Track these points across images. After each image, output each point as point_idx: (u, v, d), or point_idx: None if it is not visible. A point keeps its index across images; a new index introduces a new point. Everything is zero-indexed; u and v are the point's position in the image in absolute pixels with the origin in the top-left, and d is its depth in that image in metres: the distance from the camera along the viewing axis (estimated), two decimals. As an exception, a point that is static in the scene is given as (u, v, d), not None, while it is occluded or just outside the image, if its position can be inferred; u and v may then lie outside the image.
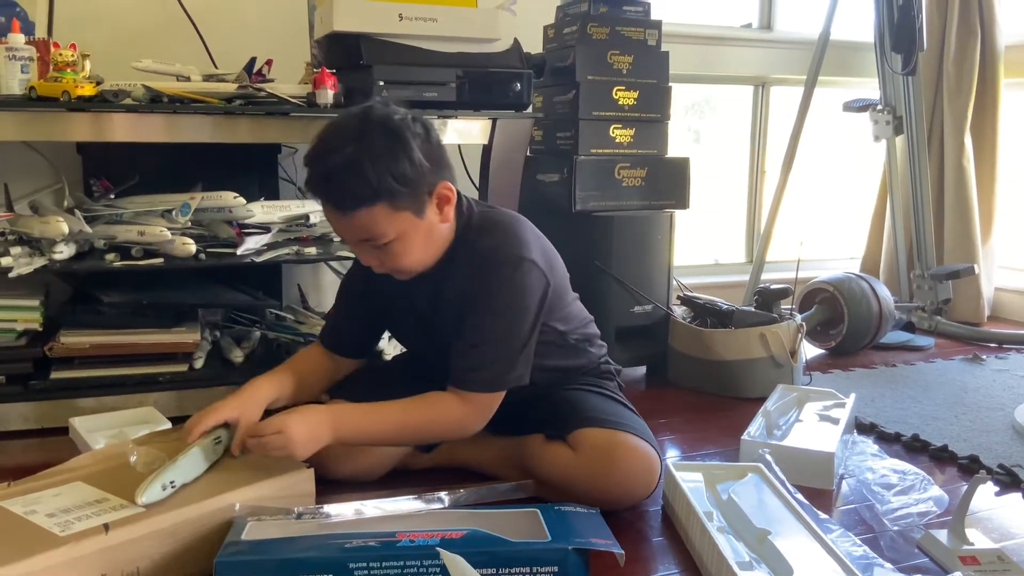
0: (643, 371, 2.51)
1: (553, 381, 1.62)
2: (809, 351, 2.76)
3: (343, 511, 1.33)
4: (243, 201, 1.98)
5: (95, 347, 1.93)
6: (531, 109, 2.12)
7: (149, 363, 1.97)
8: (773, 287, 2.43)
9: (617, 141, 2.40)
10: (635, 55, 2.40)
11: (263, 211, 2.05)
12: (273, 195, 2.31)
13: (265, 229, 2.07)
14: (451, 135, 2.04)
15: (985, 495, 1.65)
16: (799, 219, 3.47)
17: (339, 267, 2.55)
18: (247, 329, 2.27)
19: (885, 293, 2.79)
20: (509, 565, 1.19)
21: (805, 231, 3.53)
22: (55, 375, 1.91)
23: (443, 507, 1.40)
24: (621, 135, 2.40)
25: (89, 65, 1.85)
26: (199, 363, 2.03)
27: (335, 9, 1.90)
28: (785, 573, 1.22)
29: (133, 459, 1.39)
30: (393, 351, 2.00)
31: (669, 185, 2.48)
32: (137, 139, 1.83)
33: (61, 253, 1.84)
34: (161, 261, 1.90)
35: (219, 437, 1.44)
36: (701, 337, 2.33)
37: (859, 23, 3.17)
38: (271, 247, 2.04)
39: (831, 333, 2.79)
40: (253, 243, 2.00)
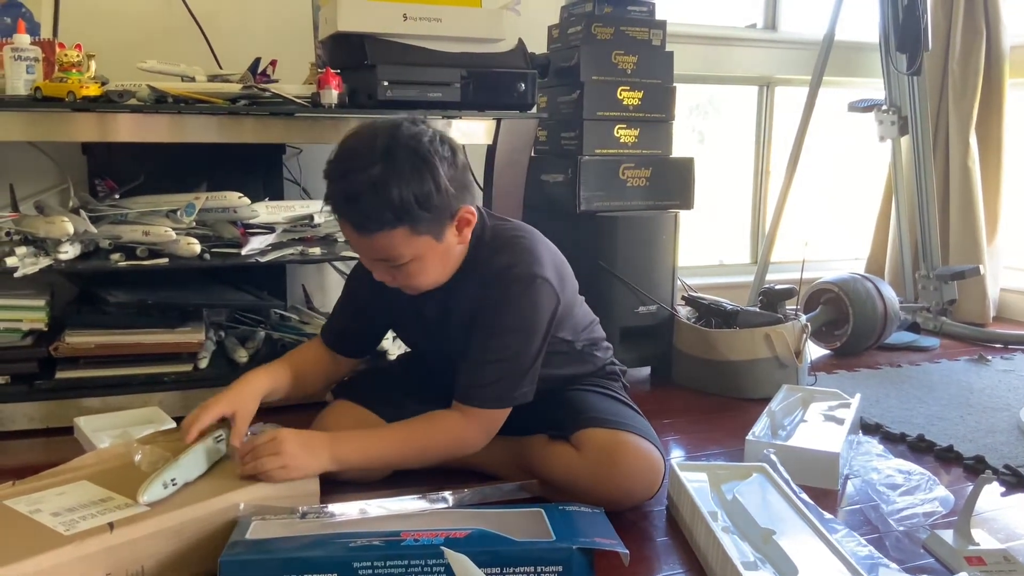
0: (647, 371, 2.51)
1: (559, 387, 1.62)
2: (814, 351, 2.76)
3: (347, 510, 1.32)
4: (248, 201, 1.98)
5: (100, 347, 1.93)
6: (535, 109, 2.12)
7: (154, 363, 1.97)
8: (778, 287, 2.43)
9: (621, 141, 2.40)
10: (639, 55, 2.40)
11: (267, 211, 2.06)
12: (277, 195, 2.31)
13: (269, 229, 2.07)
14: (455, 136, 2.03)
15: (991, 495, 1.65)
16: (804, 219, 3.47)
17: (343, 267, 2.56)
18: (251, 329, 2.27)
19: (890, 294, 2.78)
20: (513, 564, 1.19)
21: (810, 231, 3.53)
22: (60, 375, 1.91)
23: (447, 507, 1.40)
24: (625, 135, 2.40)
25: (94, 65, 1.85)
26: (204, 363, 2.03)
27: (339, 9, 1.90)
28: (790, 573, 1.22)
29: (137, 458, 1.39)
30: (397, 351, 2.00)
31: (674, 185, 2.47)
32: (142, 139, 1.84)
33: (66, 253, 1.85)
34: (166, 261, 1.91)
35: (220, 435, 1.44)
36: (706, 337, 2.33)
37: (864, 23, 3.17)
38: (275, 247, 2.04)
39: (836, 333, 2.79)
40: (258, 243, 2.00)
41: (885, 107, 3.04)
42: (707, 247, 3.43)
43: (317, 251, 2.06)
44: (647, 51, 2.43)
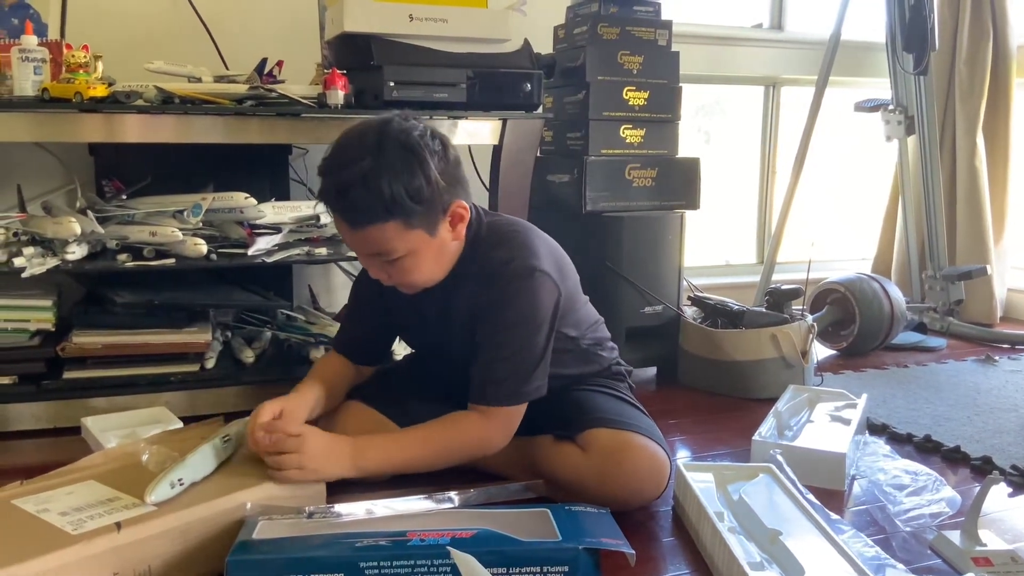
0: (653, 372, 2.51)
1: (565, 387, 1.62)
2: (820, 352, 2.75)
3: (354, 510, 1.33)
4: (254, 202, 1.99)
5: (107, 347, 1.94)
6: (541, 110, 2.12)
7: (161, 363, 1.98)
8: (784, 288, 2.42)
9: (627, 141, 2.40)
10: (645, 55, 2.40)
11: (274, 212, 2.06)
12: (284, 196, 2.31)
13: (276, 230, 2.07)
14: (461, 136, 2.05)
15: (998, 496, 1.64)
16: (810, 220, 3.47)
17: (349, 268, 2.56)
18: (258, 329, 2.27)
19: (897, 294, 2.78)
20: (519, 565, 1.19)
21: (816, 232, 3.53)
22: (67, 375, 1.92)
23: (453, 507, 1.40)
24: (631, 135, 2.40)
25: (101, 66, 1.86)
26: (210, 363, 2.04)
27: (346, 10, 1.90)
28: (796, 573, 1.22)
29: (145, 458, 1.40)
30: (403, 351, 2.00)
31: (680, 185, 2.47)
32: (149, 140, 1.84)
33: (73, 253, 1.86)
34: (173, 261, 1.91)
35: (228, 435, 1.44)
36: (712, 338, 2.33)
37: (870, 23, 3.17)
38: (282, 247, 2.05)
39: (842, 334, 2.78)
40: (264, 243, 2.01)
41: (892, 107, 3.04)
42: (713, 247, 3.43)
43: (323, 251, 2.07)
44: (653, 51, 2.43)
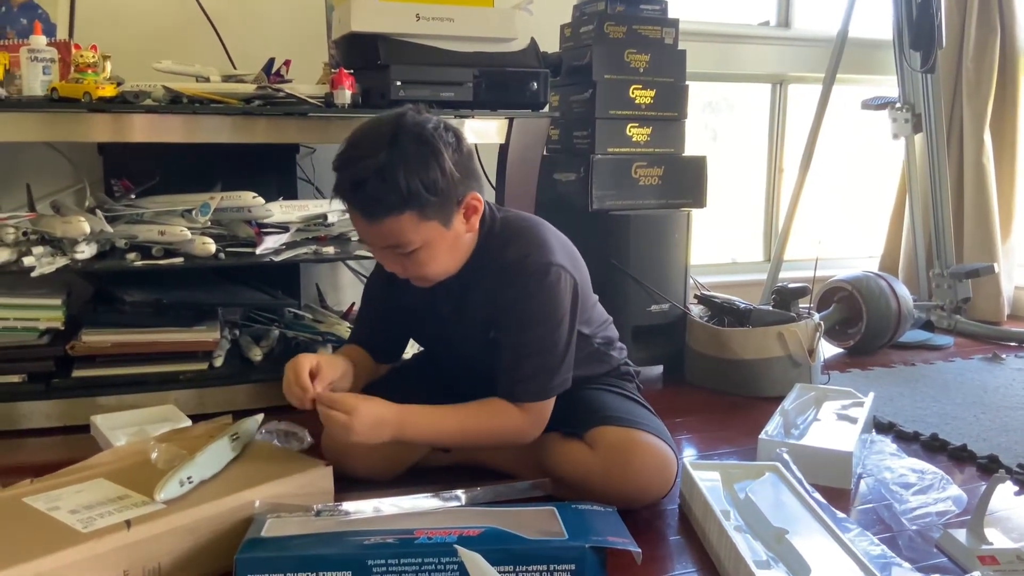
0: (660, 370, 2.51)
1: (574, 386, 1.61)
2: (827, 350, 2.75)
3: (362, 509, 1.33)
4: (262, 201, 1.99)
5: (116, 346, 1.95)
6: (548, 108, 2.13)
7: (169, 361, 1.99)
8: (791, 286, 2.42)
9: (634, 140, 2.40)
10: (652, 54, 2.40)
11: (282, 211, 2.07)
12: (291, 195, 2.32)
13: (284, 229, 2.08)
14: (468, 135, 2.03)
15: (1004, 495, 1.64)
16: (817, 218, 3.46)
17: (357, 266, 2.57)
18: (266, 328, 2.28)
19: (904, 292, 2.77)
20: (526, 563, 1.19)
21: (823, 230, 3.52)
22: (77, 373, 1.93)
23: (460, 505, 1.40)
24: (638, 134, 2.40)
25: (110, 66, 1.87)
26: (219, 361, 2.05)
27: (353, 10, 1.91)
28: (803, 572, 1.22)
29: (154, 456, 1.41)
30: (411, 350, 2.01)
31: (686, 184, 2.47)
32: (157, 139, 1.85)
33: (83, 253, 1.87)
34: (181, 260, 1.92)
35: (236, 434, 1.45)
36: (718, 336, 2.33)
37: (877, 20, 3.16)
38: (289, 246, 2.06)
39: (849, 332, 2.78)
40: (272, 242, 2.01)
41: (899, 105, 3.03)
42: (720, 245, 3.43)
43: (330, 250, 2.07)
44: (659, 49, 2.43)
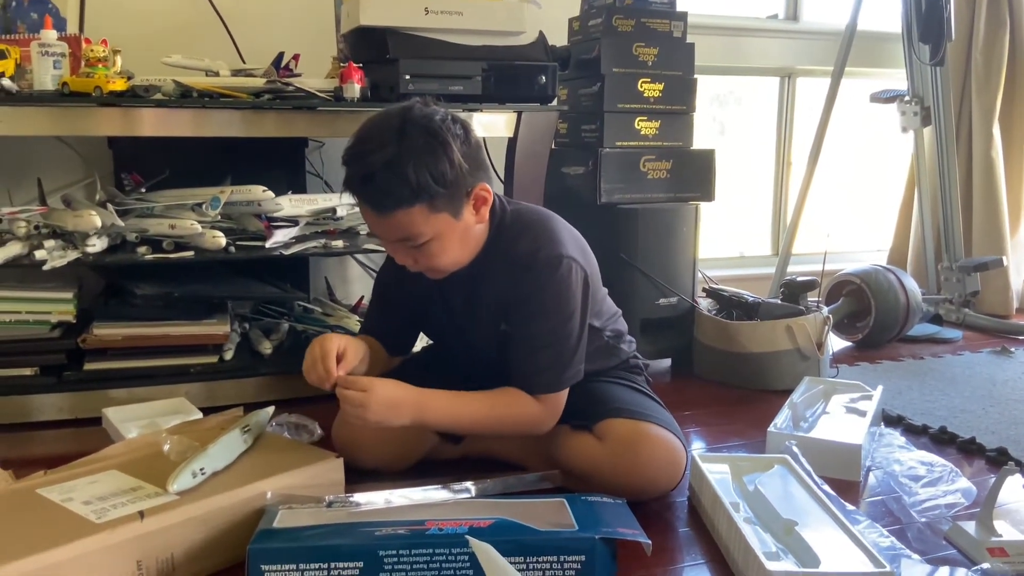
0: (668, 363, 2.51)
1: (584, 379, 1.62)
2: (836, 344, 2.75)
3: (373, 500, 1.34)
4: (271, 195, 2.00)
5: (127, 339, 1.96)
6: (556, 102, 2.13)
7: (180, 355, 2.00)
8: (799, 279, 2.42)
9: (642, 133, 2.40)
10: (660, 47, 2.40)
11: (291, 204, 2.07)
12: (300, 189, 2.32)
13: (293, 222, 2.09)
14: (476, 128, 2.03)
15: (1013, 487, 1.63)
16: (826, 211, 3.45)
17: (365, 260, 2.58)
18: (275, 321, 2.29)
19: (912, 285, 2.77)
20: (536, 554, 1.20)
21: (832, 223, 3.51)
22: (88, 366, 1.94)
23: (470, 497, 1.41)
24: (646, 127, 2.40)
25: (120, 60, 1.87)
26: (229, 355, 2.06)
27: (361, 3, 1.91)
28: (812, 564, 1.22)
29: (166, 448, 1.42)
30: (420, 344, 2.01)
31: (694, 177, 2.47)
32: (167, 133, 1.86)
33: (94, 246, 1.87)
34: (192, 254, 1.93)
35: (248, 426, 1.46)
36: (727, 329, 2.33)
37: (886, 13, 3.15)
38: (299, 240, 2.06)
39: (858, 325, 2.78)
40: (281, 236, 2.02)
41: (908, 98, 3.02)
42: (728, 239, 3.42)
43: (340, 244, 2.08)
44: (668, 43, 2.42)
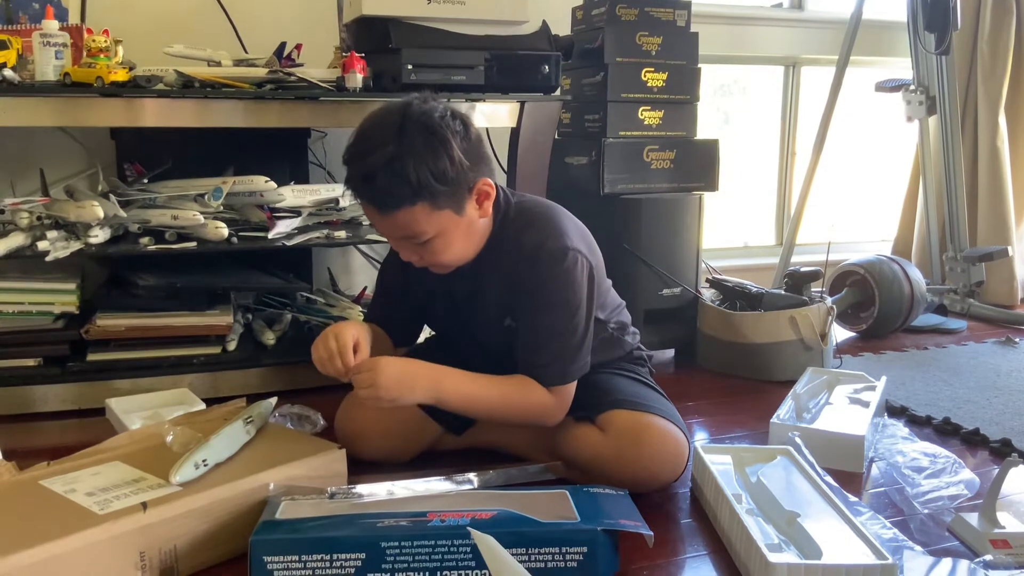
0: (671, 354, 2.51)
1: (589, 371, 1.62)
2: (840, 334, 2.75)
3: (375, 491, 1.34)
4: (274, 185, 2.00)
5: (130, 329, 1.96)
6: (559, 92, 2.12)
7: (183, 345, 2.00)
8: (803, 270, 2.41)
9: (646, 123, 2.39)
10: (664, 36, 2.39)
11: (293, 195, 2.07)
12: (303, 179, 2.32)
13: (295, 213, 2.09)
14: (479, 118, 2.05)
15: (1017, 478, 1.63)
16: (830, 201, 3.45)
17: (368, 250, 2.58)
18: (278, 312, 2.29)
19: (917, 275, 2.76)
20: (539, 545, 1.20)
21: (836, 213, 3.51)
22: (91, 357, 1.94)
23: (473, 488, 1.41)
24: (650, 117, 2.39)
25: (122, 51, 1.87)
26: (232, 345, 2.06)
27: (364, -7, 1.91)
28: (814, 555, 1.22)
29: (169, 439, 1.42)
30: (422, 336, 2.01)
31: (698, 167, 2.46)
32: (169, 124, 1.85)
33: (96, 237, 1.87)
34: (194, 245, 1.93)
35: (250, 417, 1.46)
36: (730, 320, 2.32)
37: (892, 2, 3.13)
38: (301, 231, 2.06)
39: (862, 316, 2.77)
40: (284, 227, 2.02)
41: (913, 87, 3.01)
42: (732, 229, 3.42)
43: (342, 234, 2.08)
44: (672, 32, 2.41)
